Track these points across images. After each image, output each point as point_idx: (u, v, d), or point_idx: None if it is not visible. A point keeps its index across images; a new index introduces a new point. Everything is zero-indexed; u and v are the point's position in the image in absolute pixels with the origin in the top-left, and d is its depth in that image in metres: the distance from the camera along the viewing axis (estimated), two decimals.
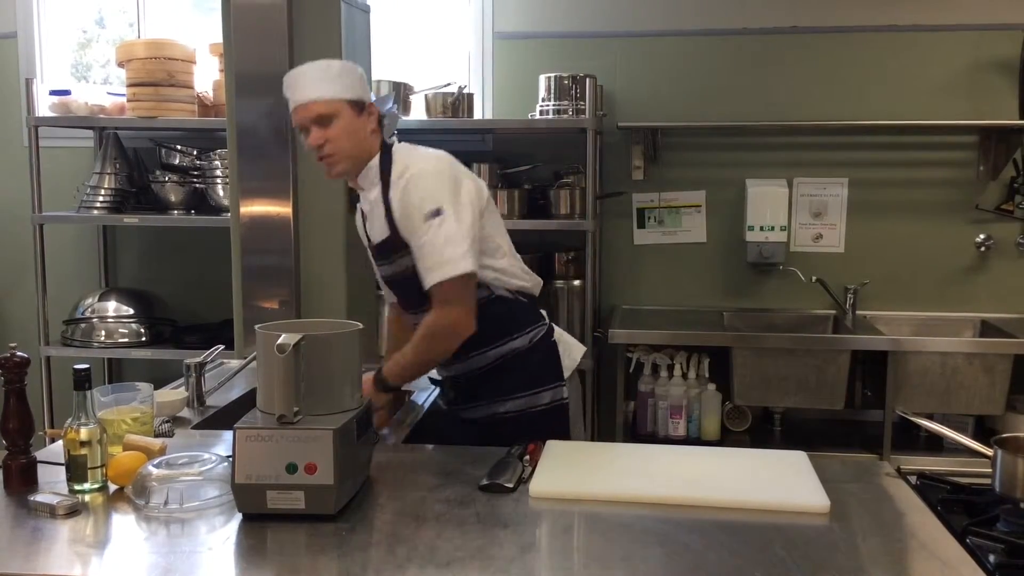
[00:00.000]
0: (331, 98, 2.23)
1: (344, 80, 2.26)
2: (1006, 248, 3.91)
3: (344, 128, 2.24)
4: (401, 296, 2.45)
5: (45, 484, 1.85)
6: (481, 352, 2.34)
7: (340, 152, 2.26)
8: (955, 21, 3.85)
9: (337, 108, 2.23)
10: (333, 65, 2.29)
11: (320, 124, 2.23)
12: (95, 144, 4.17)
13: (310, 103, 2.23)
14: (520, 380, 2.37)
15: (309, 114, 2.23)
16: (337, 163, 2.28)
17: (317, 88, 2.23)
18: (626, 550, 1.58)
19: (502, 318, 2.36)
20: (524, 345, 2.37)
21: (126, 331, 3.96)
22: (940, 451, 3.48)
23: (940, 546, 1.61)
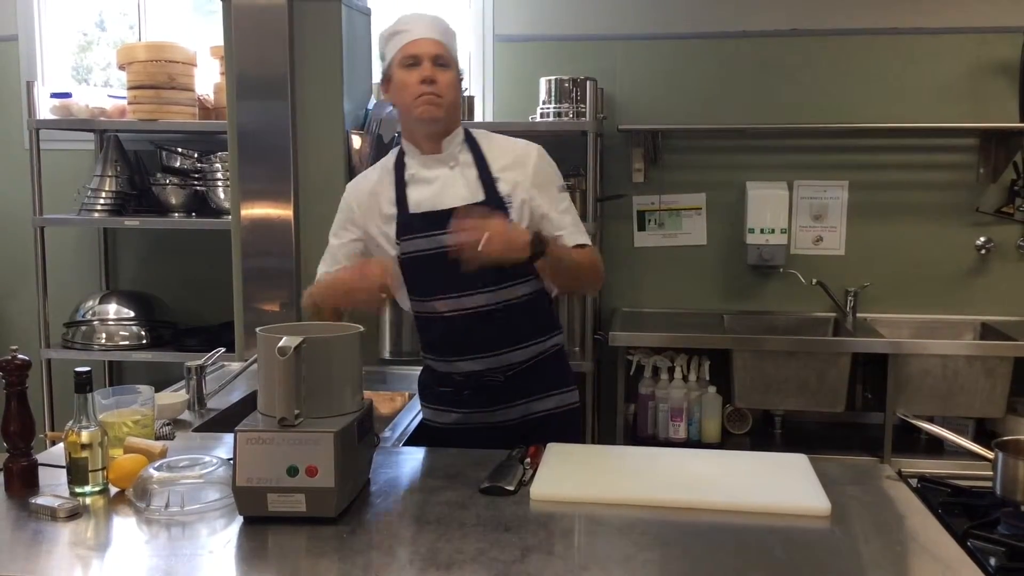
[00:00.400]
0: (452, 50, 2.25)
1: (456, 42, 2.30)
2: (1006, 251, 3.91)
3: (453, 80, 2.24)
4: (438, 274, 2.21)
5: (46, 487, 1.84)
6: (530, 343, 2.31)
7: (446, 97, 2.21)
8: (955, 24, 3.85)
9: (453, 60, 2.25)
10: (451, 25, 2.31)
11: (436, 65, 2.20)
12: (96, 147, 4.17)
13: (433, 40, 2.21)
14: (557, 377, 2.38)
15: (431, 49, 2.20)
16: (440, 106, 2.21)
17: (443, 35, 2.24)
18: (627, 553, 1.58)
19: (548, 312, 2.38)
20: (558, 343, 2.38)
21: (127, 334, 3.96)
22: (941, 454, 3.48)
23: (941, 549, 1.61)
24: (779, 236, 3.84)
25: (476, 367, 2.29)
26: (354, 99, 3.19)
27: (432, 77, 2.18)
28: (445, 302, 2.24)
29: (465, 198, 2.22)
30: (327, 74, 3.08)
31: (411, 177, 2.29)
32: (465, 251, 2.00)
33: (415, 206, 2.26)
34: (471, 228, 1.99)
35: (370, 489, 1.85)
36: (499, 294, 2.23)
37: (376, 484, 1.88)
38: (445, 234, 2.12)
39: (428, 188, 2.26)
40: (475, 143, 2.30)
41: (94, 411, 1.83)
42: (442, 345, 2.33)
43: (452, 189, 2.25)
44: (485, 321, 2.24)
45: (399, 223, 2.26)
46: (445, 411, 2.38)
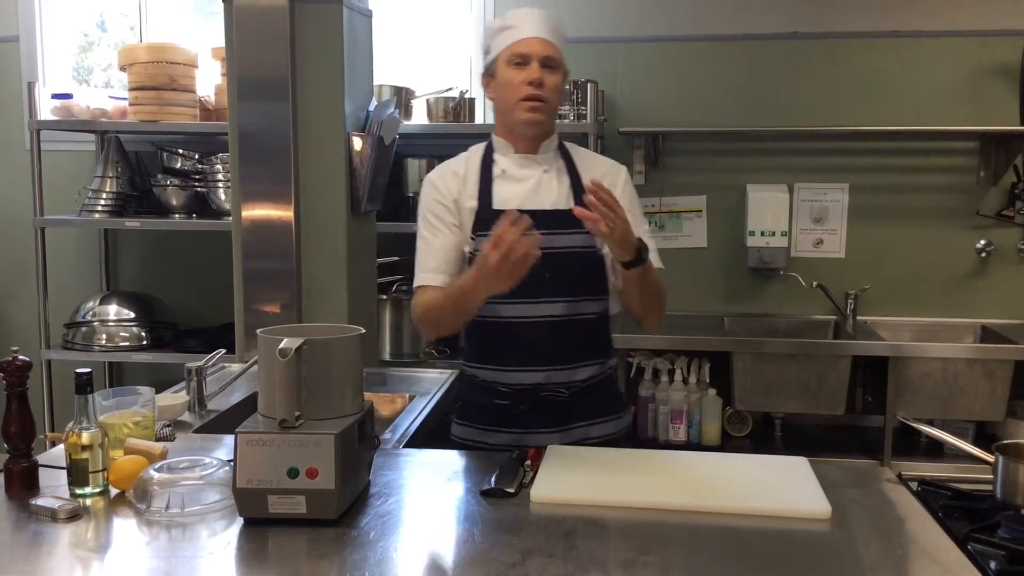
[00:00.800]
0: (561, 50, 2.19)
1: (565, 42, 2.24)
2: (1007, 254, 3.92)
3: (559, 83, 2.19)
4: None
5: (46, 488, 1.84)
6: (593, 362, 2.25)
7: (551, 102, 2.17)
8: (956, 27, 3.86)
9: (561, 62, 2.20)
10: (564, 27, 2.25)
11: (545, 67, 2.15)
12: (97, 148, 4.18)
13: (545, 41, 2.16)
14: (615, 400, 2.35)
15: (541, 49, 2.15)
16: (543, 111, 2.17)
17: (552, 34, 2.18)
18: (627, 555, 1.57)
19: (609, 335, 2.34)
20: (613, 367, 2.35)
21: (127, 335, 3.96)
22: (941, 457, 3.48)
23: (941, 552, 1.60)
24: (779, 239, 3.85)
25: (537, 379, 2.20)
26: (355, 101, 3.19)
27: (540, 79, 2.13)
28: (515, 307, 2.15)
29: (555, 203, 2.19)
30: (328, 76, 3.08)
31: (501, 173, 2.23)
32: (593, 217, 1.91)
33: (500, 203, 2.18)
34: (606, 202, 1.91)
35: (370, 491, 1.85)
36: (572, 307, 2.19)
37: (376, 486, 1.88)
38: (527, 235, 2.04)
39: (518, 187, 2.21)
40: (566, 151, 2.28)
41: (94, 412, 1.83)
42: (504, 353, 2.22)
43: (544, 192, 2.20)
44: (553, 332, 2.17)
45: (478, 218, 2.19)
46: (493, 431, 2.25)
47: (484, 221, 2.15)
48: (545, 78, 2.14)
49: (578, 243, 2.15)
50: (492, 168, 2.24)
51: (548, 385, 2.21)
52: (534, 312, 2.17)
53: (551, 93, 2.16)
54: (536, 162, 2.23)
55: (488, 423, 2.27)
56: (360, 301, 3.25)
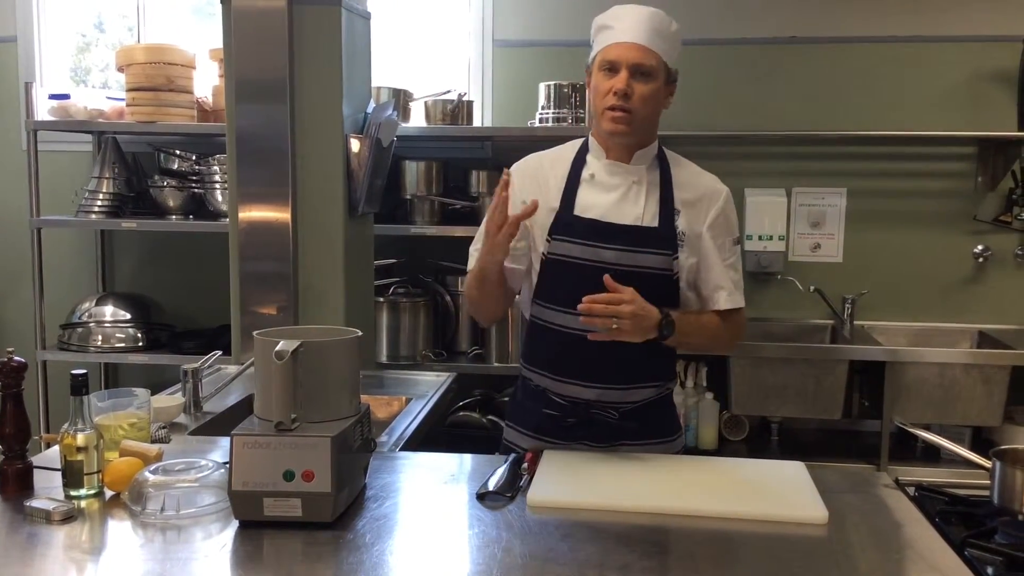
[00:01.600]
0: (659, 53, 2.05)
1: (674, 43, 2.09)
2: (1004, 259, 3.92)
3: (654, 91, 2.06)
4: (579, 287, 1.99)
5: (41, 489, 1.84)
6: (648, 385, 2.18)
7: (637, 113, 2.05)
8: (954, 32, 3.86)
9: (658, 68, 2.05)
10: (672, 23, 2.09)
11: (635, 74, 2.03)
12: (94, 148, 4.17)
13: (638, 46, 2.03)
14: (668, 424, 2.26)
15: (632, 57, 2.03)
16: (628, 123, 2.05)
17: (650, 37, 2.04)
18: (623, 560, 1.57)
19: (670, 358, 2.24)
20: (671, 389, 2.27)
21: (123, 336, 3.95)
22: (938, 462, 3.47)
23: (938, 558, 1.60)
24: (777, 243, 3.85)
25: (590, 396, 2.13)
26: (353, 103, 3.19)
27: (626, 90, 2.02)
28: (578, 319, 2.00)
29: (639, 218, 2.09)
30: (326, 78, 3.07)
31: (589, 177, 2.14)
32: (596, 326, 1.94)
33: (582, 208, 2.11)
34: (604, 309, 1.93)
35: (367, 494, 1.85)
36: None
37: (373, 489, 1.88)
38: (605, 248, 2.06)
39: (604, 195, 2.12)
40: (666, 164, 2.16)
41: (90, 414, 1.83)
42: (561, 362, 2.14)
43: (629, 205, 2.11)
44: (613, 350, 2.04)
45: (557, 220, 2.11)
46: (538, 439, 2.18)
47: (564, 226, 2.10)
48: (634, 87, 2.03)
49: (654, 264, 2.08)
50: (582, 170, 2.15)
51: (599, 403, 2.14)
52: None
53: (639, 104, 2.04)
54: (626, 172, 2.13)
55: (535, 430, 2.21)
56: (357, 303, 3.25)
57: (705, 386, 3.74)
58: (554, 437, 2.18)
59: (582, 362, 2.12)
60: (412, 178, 3.84)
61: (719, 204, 2.15)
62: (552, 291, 2.12)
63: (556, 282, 2.11)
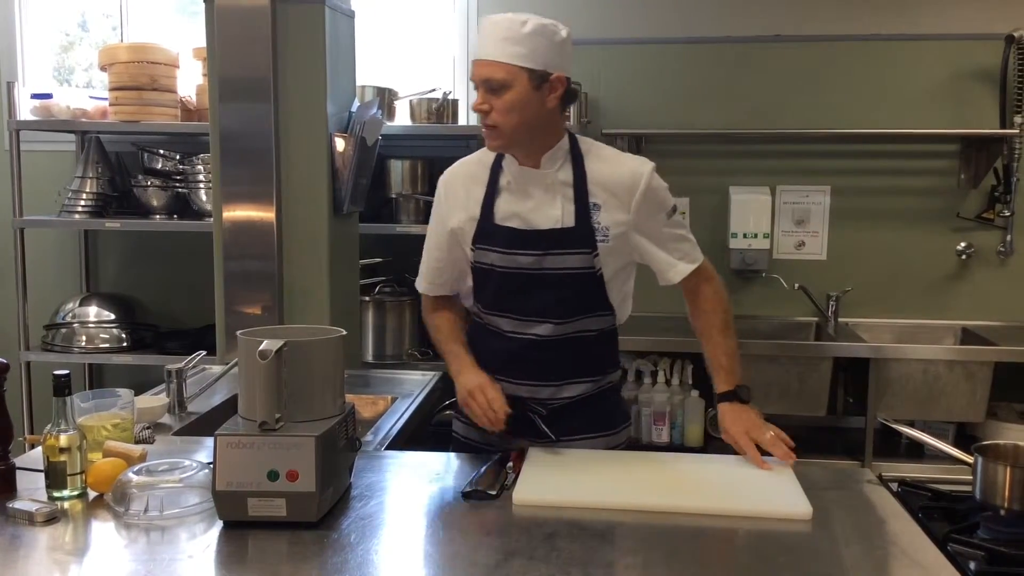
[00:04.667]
0: (509, 63, 1.99)
1: (532, 43, 2.00)
2: (987, 256, 3.94)
3: (515, 101, 2.00)
4: (507, 294, 2.12)
5: (24, 491, 1.83)
6: (585, 380, 2.18)
7: (503, 126, 2.01)
8: (937, 30, 3.88)
9: (512, 76, 1.99)
10: (528, 23, 2.00)
11: (489, 89, 2.00)
12: (77, 148, 4.15)
13: (484, 62, 2.01)
14: (607, 416, 2.26)
15: (482, 72, 2.01)
16: (496, 137, 2.05)
17: (497, 48, 1.99)
18: (608, 557, 1.58)
19: (613, 349, 2.27)
20: (613, 380, 2.29)
21: (107, 336, 3.94)
22: (921, 458, 3.49)
23: (921, 553, 1.61)
24: (762, 241, 3.86)
25: (520, 393, 2.14)
26: (338, 102, 3.18)
27: (483, 108, 2.02)
28: (508, 321, 2.12)
29: (556, 221, 2.08)
30: (311, 76, 3.07)
31: (506, 184, 2.14)
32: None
33: (501, 217, 2.12)
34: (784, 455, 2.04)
35: (352, 493, 1.85)
36: (565, 327, 2.12)
37: (358, 488, 1.88)
38: (522, 254, 2.07)
39: (520, 203, 2.11)
40: (580, 159, 2.12)
41: (73, 415, 1.82)
42: (492, 360, 2.16)
43: (544, 210, 2.09)
44: (543, 350, 2.12)
45: (479, 229, 2.13)
46: (481, 430, 2.18)
47: (484, 235, 2.12)
48: (491, 102, 2.01)
49: (574, 265, 2.09)
50: (499, 178, 2.15)
51: (530, 400, 2.14)
52: (525, 329, 2.13)
53: (501, 117, 2.01)
54: (538, 176, 2.11)
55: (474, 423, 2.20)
56: (342, 303, 3.24)
57: (690, 384, 3.74)
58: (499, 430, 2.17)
59: (514, 361, 2.15)
60: (397, 177, 3.84)
61: (640, 188, 2.11)
62: (482, 295, 2.19)
63: (484, 287, 2.17)
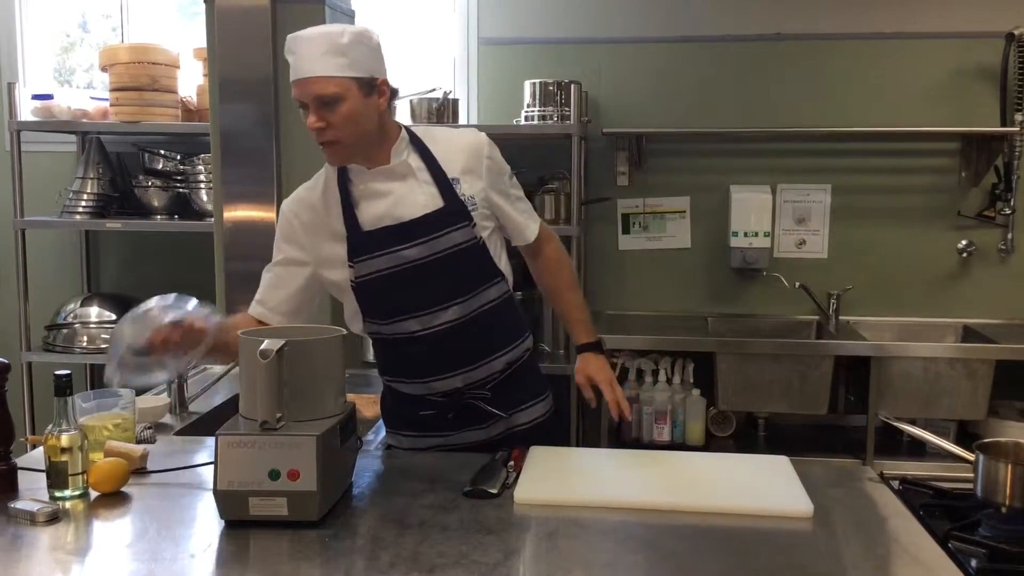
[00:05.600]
0: (337, 76, 1.94)
1: (354, 53, 1.95)
2: (988, 254, 3.94)
3: (350, 112, 1.97)
4: (402, 293, 2.09)
5: (25, 491, 1.83)
6: (506, 351, 2.18)
7: (344, 139, 1.99)
8: (938, 29, 3.87)
9: (343, 89, 1.95)
10: (344, 34, 1.95)
11: (322, 106, 1.95)
12: (78, 149, 4.15)
13: (310, 80, 1.94)
14: (536, 385, 2.30)
15: (308, 93, 1.95)
16: (338, 152, 2.03)
17: (321, 63, 1.93)
18: (610, 556, 1.58)
19: (517, 316, 2.27)
20: (529, 348, 2.28)
21: (108, 337, 3.93)
22: (922, 456, 3.49)
23: (922, 551, 1.61)
24: (762, 239, 3.86)
25: (457, 384, 2.15)
26: None
27: (319, 125, 1.96)
28: (416, 320, 2.09)
29: (425, 206, 2.07)
30: None
31: (361, 193, 2.09)
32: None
33: (371, 223, 2.08)
34: (624, 406, 2.17)
35: (352, 492, 1.85)
36: (471, 303, 2.11)
37: (358, 487, 1.88)
38: (406, 248, 2.05)
39: (383, 202, 2.08)
40: (422, 145, 2.14)
41: (74, 415, 1.82)
42: (415, 366, 2.16)
43: (410, 199, 2.08)
44: (459, 334, 2.10)
45: (351, 244, 2.08)
46: (422, 436, 2.22)
47: (358, 247, 2.08)
48: (327, 118, 1.96)
49: (458, 240, 2.08)
50: (351, 189, 2.10)
51: (468, 387, 2.15)
52: (435, 321, 2.09)
53: (341, 129, 1.97)
54: (391, 171, 2.08)
55: (416, 430, 2.23)
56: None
57: (692, 382, 3.74)
58: (440, 431, 2.20)
59: (437, 357, 2.13)
60: None
61: (484, 153, 2.15)
62: (374, 308, 2.13)
63: (374, 299, 2.11)
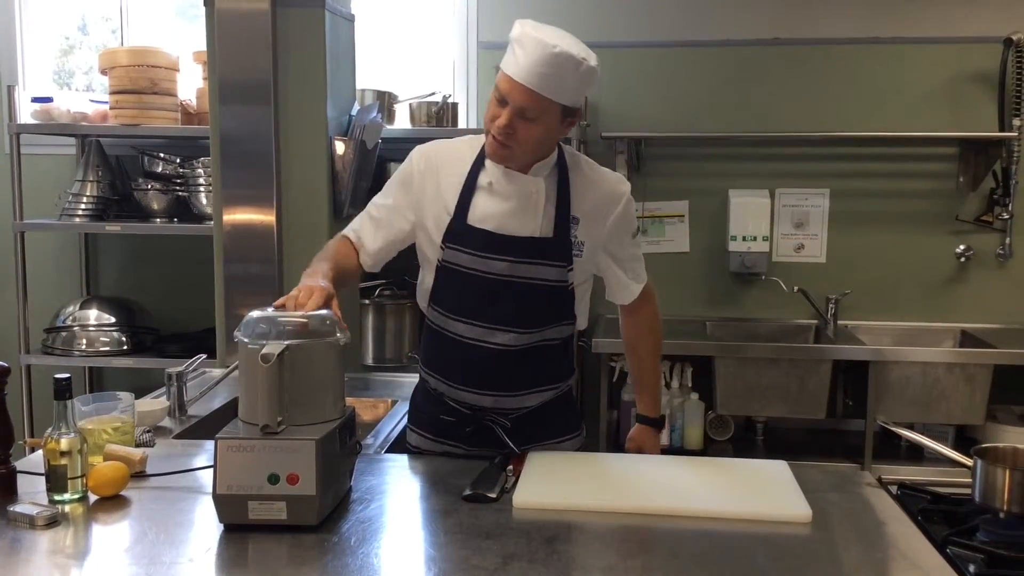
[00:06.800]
0: (552, 100, 1.92)
1: (580, 83, 1.94)
2: (986, 259, 3.94)
3: (542, 134, 1.96)
4: (471, 299, 2.06)
5: (24, 494, 1.83)
6: (545, 388, 2.16)
7: (521, 149, 1.96)
8: (936, 33, 3.88)
9: (547, 109, 1.93)
10: (583, 65, 1.91)
11: (519, 114, 1.91)
12: (77, 151, 4.15)
13: (526, 89, 1.89)
14: (565, 422, 2.25)
15: (519, 100, 1.90)
16: (507, 156, 1.98)
17: (549, 83, 1.89)
18: (609, 560, 1.58)
19: (570, 357, 2.25)
20: (570, 385, 2.26)
21: (107, 340, 3.94)
22: (921, 461, 3.49)
23: (920, 556, 1.61)
24: (761, 243, 3.86)
25: (485, 403, 2.11)
26: (337, 105, 3.19)
27: (508, 129, 1.93)
28: (470, 328, 2.06)
29: (533, 231, 2.03)
30: (311, 80, 3.07)
31: (487, 185, 2.04)
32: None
33: (477, 218, 2.03)
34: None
35: (352, 496, 1.85)
36: (530, 336, 2.07)
37: (358, 491, 1.88)
38: (495, 259, 2.01)
39: (499, 204, 2.03)
40: (565, 172, 2.08)
41: (73, 418, 1.82)
42: (454, 368, 2.13)
43: (526, 216, 2.03)
44: (506, 359, 2.06)
45: (451, 228, 2.04)
46: (439, 442, 2.20)
47: (457, 235, 2.04)
48: (517, 128, 1.93)
49: (549, 276, 2.05)
50: (479, 175, 2.06)
51: (493, 410, 2.12)
52: (489, 338, 2.06)
53: (521, 143, 1.96)
54: (524, 182, 2.03)
55: (435, 433, 2.21)
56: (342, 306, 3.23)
57: (690, 387, 3.75)
58: (457, 441, 2.17)
59: (476, 370, 2.10)
60: None
61: (620, 207, 2.12)
62: (446, 298, 2.09)
63: (449, 290, 2.08)
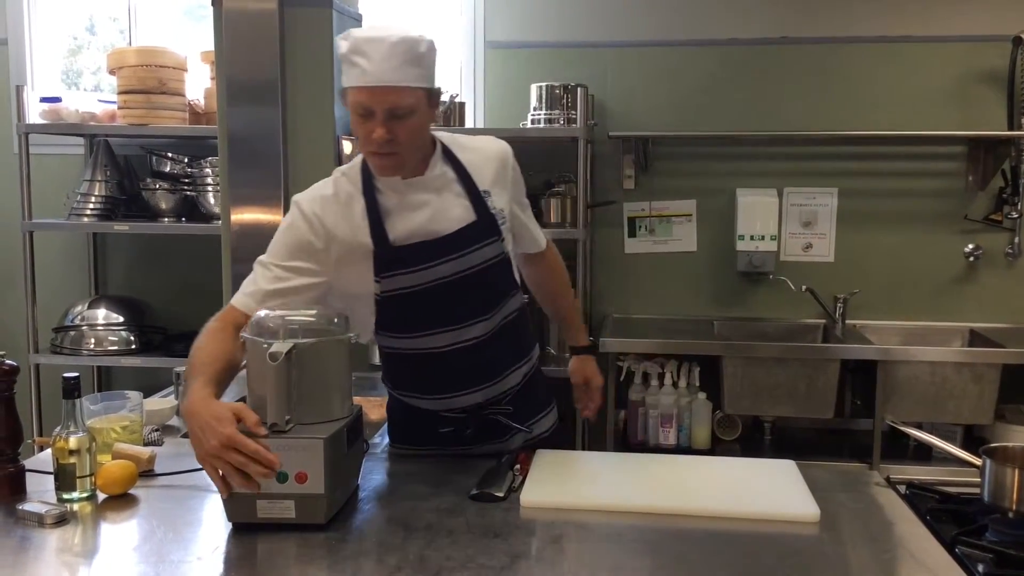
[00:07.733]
0: (415, 87, 1.82)
1: (428, 62, 1.85)
2: (995, 258, 3.93)
3: (419, 125, 1.87)
4: (430, 310, 1.99)
5: (33, 493, 1.84)
6: (523, 363, 2.15)
7: (406, 149, 1.88)
8: (945, 32, 3.87)
9: (418, 101, 1.84)
10: (421, 42, 1.84)
11: (392, 117, 1.82)
12: (85, 151, 4.16)
13: (388, 89, 1.80)
14: (546, 394, 2.27)
15: (382, 102, 1.80)
16: (397, 165, 1.90)
17: (401, 72, 1.80)
18: (616, 560, 1.58)
19: (528, 326, 2.22)
20: (538, 356, 2.27)
21: (116, 339, 3.95)
22: (929, 460, 3.48)
23: (929, 556, 1.61)
24: (769, 243, 3.85)
25: (477, 399, 2.08)
26: None
27: (387, 135, 1.83)
28: (441, 336, 2.00)
29: (461, 220, 1.97)
30: (318, 80, 3.08)
31: (393, 205, 1.95)
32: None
33: (403, 238, 1.94)
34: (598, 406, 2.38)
35: (359, 495, 1.85)
36: (495, 318, 2.04)
37: (365, 490, 1.88)
38: (439, 264, 1.94)
39: (417, 215, 1.95)
40: (451, 155, 2.02)
41: (82, 417, 1.83)
42: (435, 382, 2.08)
43: (446, 213, 1.97)
44: (483, 349, 2.03)
45: (378, 259, 1.94)
46: (436, 450, 2.15)
47: (388, 262, 1.94)
48: (395, 130, 1.83)
49: (489, 255, 2.00)
50: (378, 200, 1.95)
51: (488, 403, 2.09)
52: (461, 337, 2.01)
53: (406, 143, 1.86)
54: (427, 183, 1.96)
55: (431, 446, 2.15)
56: None
57: (698, 386, 3.74)
58: (456, 445, 2.12)
59: (460, 373, 2.05)
60: None
61: (509, 163, 2.11)
62: (397, 323, 2.02)
63: (399, 314, 2.00)
